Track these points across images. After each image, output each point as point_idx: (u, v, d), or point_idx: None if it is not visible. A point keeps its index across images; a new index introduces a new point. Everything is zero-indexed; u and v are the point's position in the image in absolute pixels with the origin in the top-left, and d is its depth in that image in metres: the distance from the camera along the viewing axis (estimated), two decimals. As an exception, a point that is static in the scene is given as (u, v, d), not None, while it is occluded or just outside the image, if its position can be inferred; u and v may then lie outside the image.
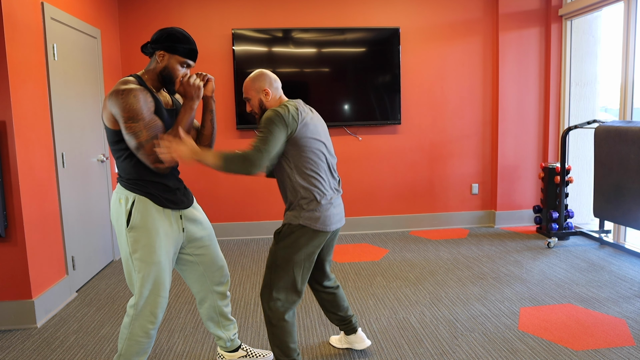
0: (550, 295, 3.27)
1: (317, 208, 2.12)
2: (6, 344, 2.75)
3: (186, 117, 2.03)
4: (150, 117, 1.95)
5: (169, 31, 2.01)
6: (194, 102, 2.04)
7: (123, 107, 1.88)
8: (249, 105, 2.24)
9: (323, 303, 2.47)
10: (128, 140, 1.93)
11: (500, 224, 5.24)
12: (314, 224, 2.11)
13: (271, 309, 2.15)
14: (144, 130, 1.92)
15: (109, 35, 4.44)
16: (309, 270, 2.19)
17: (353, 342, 2.56)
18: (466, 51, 5.07)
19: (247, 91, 2.21)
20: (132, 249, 2.01)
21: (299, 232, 2.12)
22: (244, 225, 5.01)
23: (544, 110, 5.15)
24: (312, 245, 2.15)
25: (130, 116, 1.89)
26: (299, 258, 2.14)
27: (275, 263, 2.15)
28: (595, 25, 4.94)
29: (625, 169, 3.68)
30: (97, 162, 4.04)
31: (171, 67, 2.02)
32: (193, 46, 2.05)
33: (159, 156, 1.94)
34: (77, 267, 3.58)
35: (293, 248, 2.12)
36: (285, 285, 2.15)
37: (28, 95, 3.01)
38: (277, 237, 2.17)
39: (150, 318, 2.06)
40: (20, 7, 2.94)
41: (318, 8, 4.86)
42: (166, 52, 2.01)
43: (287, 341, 2.17)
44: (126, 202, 2.01)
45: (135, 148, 1.93)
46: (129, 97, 1.89)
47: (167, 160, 1.94)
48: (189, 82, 2.02)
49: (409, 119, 5.07)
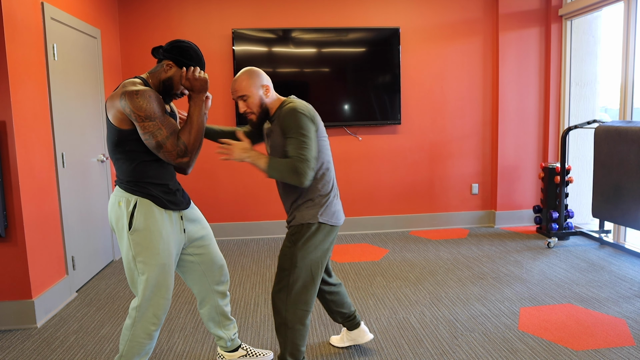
0: (550, 295, 3.27)
1: (332, 203, 2.14)
2: (6, 344, 2.75)
3: (197, 110, 2.03)
4: (165, 116, 1.97)
5: (183, 45, 2.03)
6: (201, 94, 2.05)
7: (139, 107, 1.89)
8: (244, 105, 2.10)
9: (328, 304, 2.46)
10: (146, 140, 1.94)
11: (500, 224, 5.24)
12: (331, 220, 2.12)
13: (290, 311, 2.11)
14: (163, 129, 1.94)
15: (109, 35, 4.44)
16: (323, 268, 2.19)
17: (357, 337, 2.55)
18: (466, 51, 5.07)
19: (244, 89, 2.08)
20: (135, 252, 2.00)
21: (318, 230, 2.11)
22: (244, 225, 5.01)
23: (544, 110, 5.15)
24: (328, 242, 2.15)
25: (146, 115, 1.90)
26: (316, 256, 2.12)
27: (294, 265, 2.10)
28: (595, 25, 4.94)
29: (625, 169, 3.68)
30: (97, 162, 4.04)
31: (175, 80, 2.04)
32: (202, 67, 2.07)
33: (181, 151, 1.97)
34: (77, 267, 3.58)
35: (312, 247, 2.10)
36: (305, 286, 2.12)
37: (28, 95, 3.01)
38: (291, 238, 2.12)
39: (153, 320, 2.06)
40: (20, 7, 2.94)
41: (318, 8, 4.86)
42: (174, 65, 2.03)
43: (299, 344, 2.16)
44: (127, 205, 2.00)
45: (155, 147, 1.94)
46: (144, 98, 1.90)
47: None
48: (194, 76, 2.02)
49: (409, 119, 5.07)
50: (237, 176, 4.96)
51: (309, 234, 2.10)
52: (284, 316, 2.13)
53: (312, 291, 2.15)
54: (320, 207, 2.11)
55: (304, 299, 2.13)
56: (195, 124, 2.02)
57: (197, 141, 2.03)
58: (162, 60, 2.05)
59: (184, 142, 1.99)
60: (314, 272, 2.13)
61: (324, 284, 2.42)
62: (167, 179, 2.08)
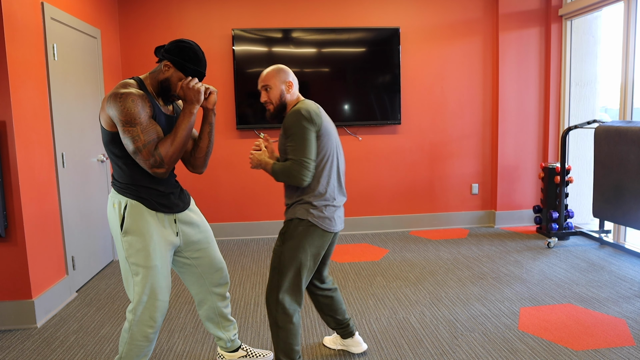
0: (550, 295, 3.27)
1: (326, 207, 2.14)
2: (6, 344, 2.75)
3: (185, 121, 1.99)
4: (148, 122, 1.92)
5: (183, 46, 1.98)
6: (193, 106, 1.99)
7: (121, 110, 1.86)
8: (265, 95, 2.18)
9: (320, 306, 2.46)
10: (126, 144, 1.91)
11: (500, 224, 5.24)
12: (321, 223, 2.12)
13: (279, 311, 2.13)
14: (141, 135, 1.89)
15: (109, 35, 4.44)
16: (312, 272, 2.19)
17: (349, 346, 2.55)
18: (466, 51, 5.07)
19: (269, 79, 2.16)
20: (127, 254, 2.00)
21: (307, 230, 2.11)
22: (244, 225, 5.01)
23: (544, 110, 5.15)
24: (318, 246, 2.15)
25: (127, 120, 1.87)
26: (305, 258, 2.13)
27: (282, 264, 2.13)
28: (595, 25, 4.94)
29: (625, 169, 3.68)
30: (97, 162, 4.04)
31: (172, 81, 2.00)
32: (201, 68, 2.02)
33: (155, 162, 1.92)
34: (77, 267, 3.58)
35: (300, 248, 2.11)
36: (292, 286, 2.13)
37: (28, 95, 3.01)
38: (282, 236, 2.16)
39: (149, 322, 2.04)
40: (20, 7, 2.94)
41: (318, 8, 4.86)
42: (172, 65, 1.98)
43: (292, 343, 2.16)
44: (119, 207, 1.99)
45: (132, 152, 1.92)
46: (127, 101, 1.87)
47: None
48: (188, 86, 1.98)
49: (409, 119, 5.07)
50: (237, 176, 4.96)
51: (297, 233, 2.11)
52: (274, 316, 2.15)
53: (298, 291, 2.15)
54: (313, 206, 2.11)
55: (292, 298, 2.14)
56: (178, 136, 1.96)
57: (176, 154, 1.96)
58: (162, 60, 2.02)
59: (160, 153, 1.93)
60: (302, 274, 2.14)
61: (316, 288, 2.42)
62: (158, 181, 2.05)
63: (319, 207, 2.12)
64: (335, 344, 2.60)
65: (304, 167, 2.03)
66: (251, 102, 4.77)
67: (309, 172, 2.05)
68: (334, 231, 2.17)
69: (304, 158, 2.03)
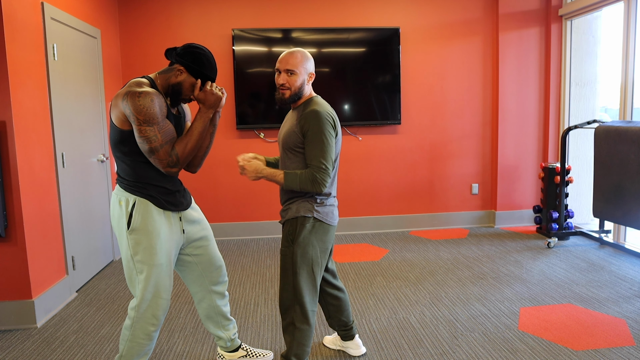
0: (550, 295, 3.27)
1: (327, 202, 2.15)
2: (6, 344, 2.75)
3: (202, 124, 2.03)
4: (164, 121, 1.95)
5: (197, 52, 2.00)
6: (210, 111, 2.04)
7: (139, 109, 1.87)
8: (286, 78, 2.08)
9: (328, 309, 2.45)
10: (141, 143, 1.92)
11: (500, 224, 5.24)
12: (325, 218, 2.12)
13: (297, 312, 2.11)
14: (159, 135, 1.92)
15: (109, 35, 4.44)
16: (323, 269, 2.19)
17: (348, 348, 2.55)
18: (466, 51, 5.06)
19: (296, 65, 2.06)
20: (133, 252, 2.00)
21: (313, 227, 2.10)
22: (244, 225, 5.01)
23: (544, 111, 5.15)
24: (325, 241, 2.15)
25: (145, 119, 1.88)
26: (316, 255, 2.12)
27: (295, 264, 2.10)
28: (595, 25, 4.94)
29: (625, 169, 3.68)
30: (97, 162, 4.04)
31: (184, 86, 2.02)
32: (214, 75, 2.05)
33: (172, 161, 1.96)
34: (77, 267, 3.58)
35: (310, 245, 2.10)
36: (308, 285, 2.12)
37: (28, 95, 3.01)
38: (288, 237, 2.13)
39: (152, 320, 2.05)
40: (20, 7, 2.94)
41: (318, 8, 4.86)
42: (185, 71, 2.00)
43: (305, 344, 2.15)
44: (127, 205, 2.00)
45: (148, 152, 1.93)
46: (146, 100, 1.87)
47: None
48: (212, 91, 2.02)
49: (409, 119, 5.07)
50: (237, 176, 4.96)
51: (304, 231, 2.09)
52: (292, 317, 2.12)
53: (315, 289, 2.15)
54: (317, 202, 2.11)
55: (308, 298, 2.12)
56: (194, 137, 2.01)
57: (191, 154, 2.02)
58: (174, 64, 2.02)
59: (177, 153, 1.98)
60: (315, 271, 2.13)
61: (328, 286, 2.41)
62: (166, 180, 2.07)
63: (321, 202, 2.13)
64: (334, 344, 2.61)
65: (326, 174, 2.03)
66: (251, 102, 4.77)
67: (330, 179, 2.06)
68: (335, 224, 2.19)
69: (327, 165, 2.03)
